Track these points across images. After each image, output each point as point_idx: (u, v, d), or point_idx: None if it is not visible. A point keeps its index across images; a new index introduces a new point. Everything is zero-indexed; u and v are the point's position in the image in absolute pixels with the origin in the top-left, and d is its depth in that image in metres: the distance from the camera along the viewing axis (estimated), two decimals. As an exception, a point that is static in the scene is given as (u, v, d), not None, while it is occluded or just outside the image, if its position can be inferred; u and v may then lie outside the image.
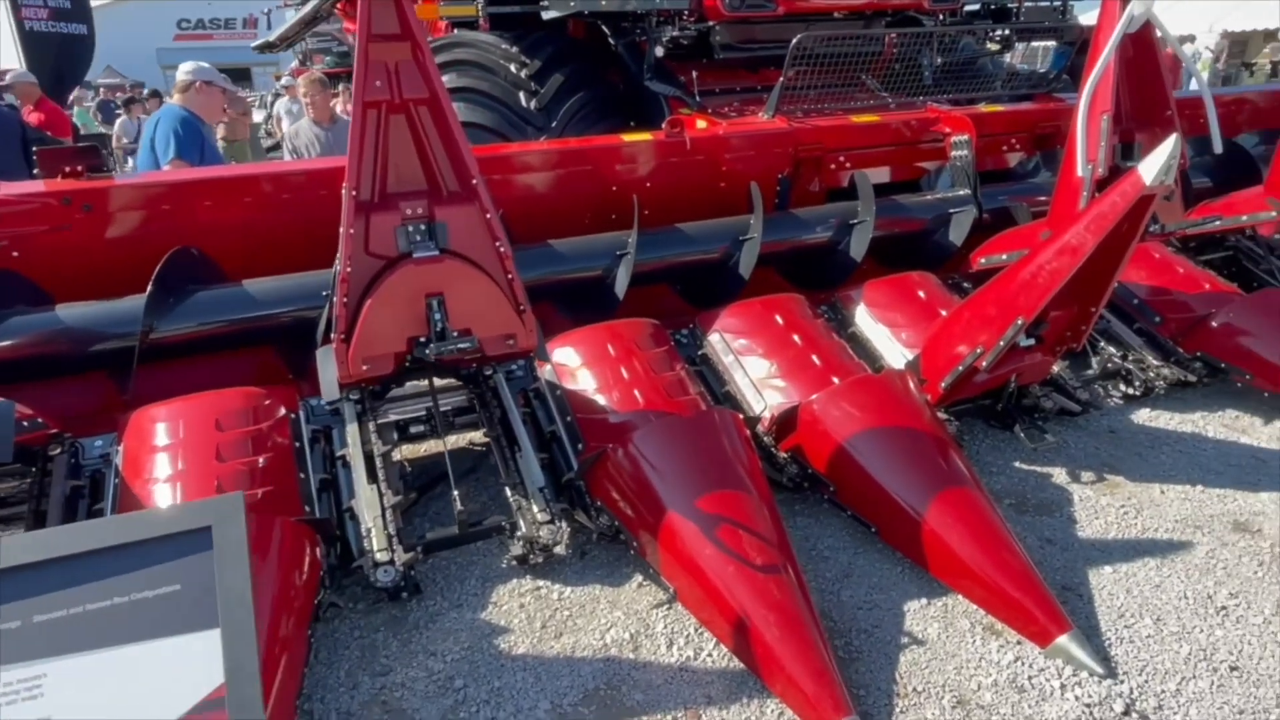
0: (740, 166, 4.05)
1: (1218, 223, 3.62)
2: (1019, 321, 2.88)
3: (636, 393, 2.90)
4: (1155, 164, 2.49)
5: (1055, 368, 3.53)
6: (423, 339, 2.44)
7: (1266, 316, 3.60)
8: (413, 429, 3.11)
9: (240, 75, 23.06)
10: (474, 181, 2.40)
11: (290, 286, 3.10)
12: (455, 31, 5.75)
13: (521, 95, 5.28)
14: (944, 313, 3.41)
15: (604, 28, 5.59)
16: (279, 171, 3.67)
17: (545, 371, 3.11)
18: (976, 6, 5.78)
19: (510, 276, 2.50)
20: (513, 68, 5.37)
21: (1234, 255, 4.54)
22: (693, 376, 3.14)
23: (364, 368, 2.43)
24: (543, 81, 5.32)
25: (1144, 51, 3.43)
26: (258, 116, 14.18)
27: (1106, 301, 2.99)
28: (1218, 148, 3.51)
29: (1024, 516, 2.94)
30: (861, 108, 4.51)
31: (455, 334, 2.43)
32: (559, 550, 2.79)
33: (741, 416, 2.89)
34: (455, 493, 2.62)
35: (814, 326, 3.32)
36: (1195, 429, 3.50)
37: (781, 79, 4.11)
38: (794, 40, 3.97)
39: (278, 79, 14.64)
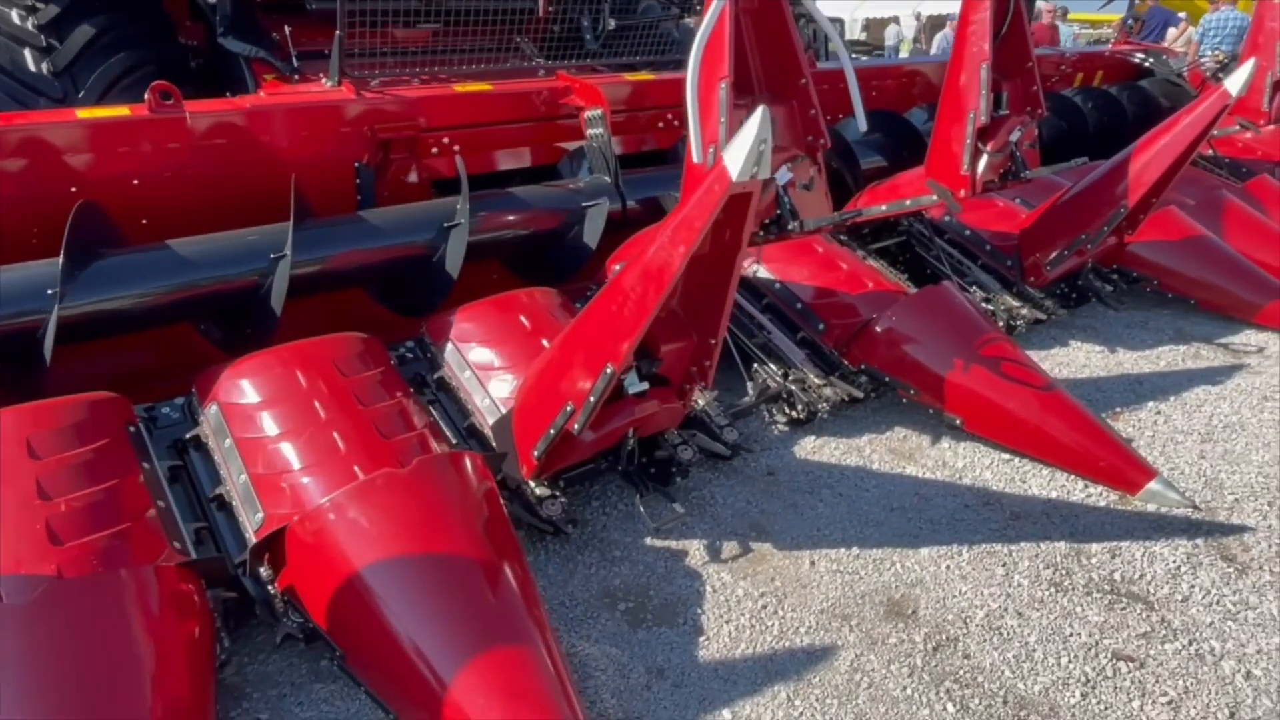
0: (293, 153, 2.94)
1: (863, 214, 3.10)
2: (608, 370, 2.08)
3: (-8, 542, 1.74)
4: (740, 152, 1.75)
5: (701, 401, 2.82)
6: None
7: (927, 320, 3.12)
8: None
9: None
10: None
11: None
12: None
13: (28, 54, 3.79)
14: (547, 344, 2.56)
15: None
16: None
17: None
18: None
19: None
20: (15, 16, 3.85)
21: (907, 241, 4.18)
22: (150, 487, 2.03)
23: None
24: (62, 35, 3.86)
25: (771, 3, 2.75)
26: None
27: (725, 329, 2.28)
28: (862, 125, 2.94)
29: (638, 631, 2.16)
30: (471, 74, 3.56)
31: None
32: None
33: (183, 563, 1.83)
34: None
35: (355, 384, 2.31)
36: (860, 460, 2.95)
37: (338, 32, 3.04)
38: (342, -22, 2.91)
39: None
